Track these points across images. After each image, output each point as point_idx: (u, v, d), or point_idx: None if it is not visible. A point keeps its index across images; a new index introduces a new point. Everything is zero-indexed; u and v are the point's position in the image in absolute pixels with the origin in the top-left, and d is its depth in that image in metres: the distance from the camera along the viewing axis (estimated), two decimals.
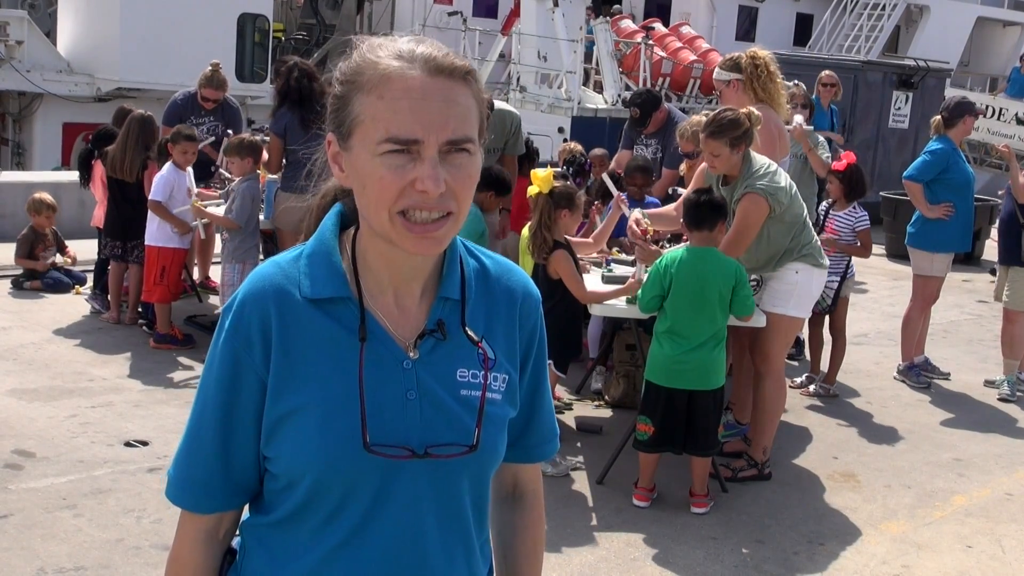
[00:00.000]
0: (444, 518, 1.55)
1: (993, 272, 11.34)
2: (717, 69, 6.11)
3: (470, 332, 1.55)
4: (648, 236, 5.22)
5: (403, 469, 1.49)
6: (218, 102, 7.99)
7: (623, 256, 6.17)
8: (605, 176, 6.20)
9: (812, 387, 6.93)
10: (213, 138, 7.87)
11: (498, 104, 7.18)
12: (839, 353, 6.94)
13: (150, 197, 6.98)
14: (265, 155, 7.03)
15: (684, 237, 5.34)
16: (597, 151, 8.55)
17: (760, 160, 5.12)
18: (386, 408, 1.49)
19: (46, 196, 8.42)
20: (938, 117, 7.34)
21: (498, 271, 1.64)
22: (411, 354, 1.52)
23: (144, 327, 7.32)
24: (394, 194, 1.42)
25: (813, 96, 9.89)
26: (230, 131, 7.95)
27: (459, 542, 1.57)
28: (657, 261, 4.89)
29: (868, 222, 6.90)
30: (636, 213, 5.43)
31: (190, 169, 7.14)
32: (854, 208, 6.87)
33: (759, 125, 5.09)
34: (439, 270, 1.57)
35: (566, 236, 5.27)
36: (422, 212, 1.43)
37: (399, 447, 1.48)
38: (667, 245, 5.68)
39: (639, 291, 4.92)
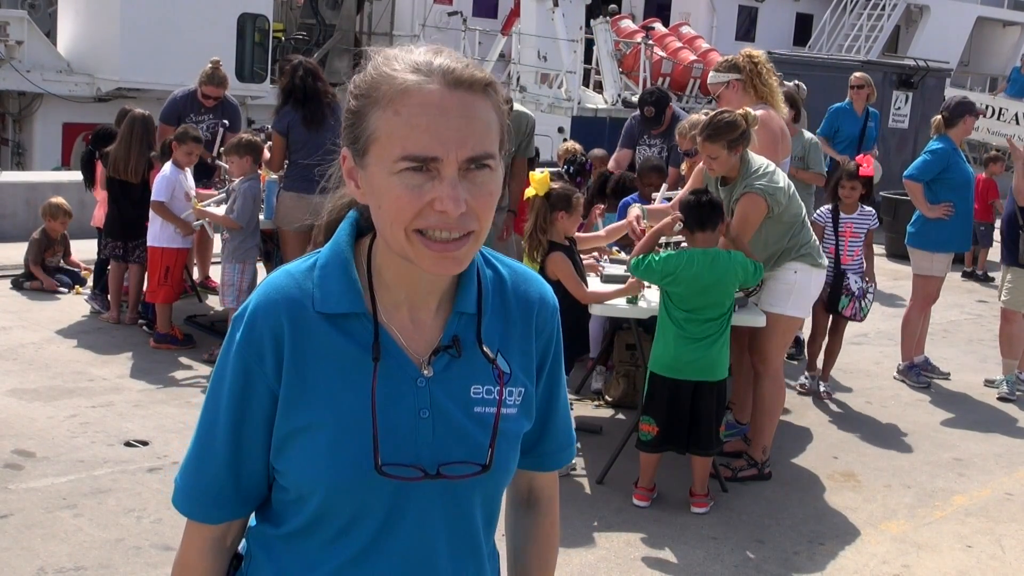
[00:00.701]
0: (455, 534, 1.53)
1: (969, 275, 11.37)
2: (712, 72, 6.07)
3: (486, 349, 1.52)
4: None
5: (415, 489, 1.47)
6: (218, 100, 7.97)
7: (623, 256, 6.17)
8: (664, 188, 6.24)
9: (823, 390, 6.91)
10: (208, 136, 7.85)
11: (516, 106, 7.14)
12: (835, 349, 6.98)
13: (153, 198, 6.96)
14: (267, 153, 7.02)
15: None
16: (597, 151, 8.58)
17: (758, 160, 5.12)
18: (398, 427, 1.46)
19: (63, 202, 8.34)
20: (938, 117, 7.34)
21: (515, 280, 1.60)
22: (425, 371, 1.49)
23: (144, 327, 7.31)
24: (412, 214, 1.37)
25: (846, 101, 9.86)
26: (225, 122, 7.94)
27: (469, 555, 1.57)
28: (678, 252, 4.85)
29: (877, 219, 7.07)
30: (635, 210, 5.42)
31: (188, 169, 7.14)
32: (862, 208, 6.90)
33: (756, 126, 5.09)
34: (456, 283, 1.53)
35: (572, 235, 5.27)
36: (442, 232, 1.38)
37: (411, 467, 1.46)
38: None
39: (650, 256, 4.84)
